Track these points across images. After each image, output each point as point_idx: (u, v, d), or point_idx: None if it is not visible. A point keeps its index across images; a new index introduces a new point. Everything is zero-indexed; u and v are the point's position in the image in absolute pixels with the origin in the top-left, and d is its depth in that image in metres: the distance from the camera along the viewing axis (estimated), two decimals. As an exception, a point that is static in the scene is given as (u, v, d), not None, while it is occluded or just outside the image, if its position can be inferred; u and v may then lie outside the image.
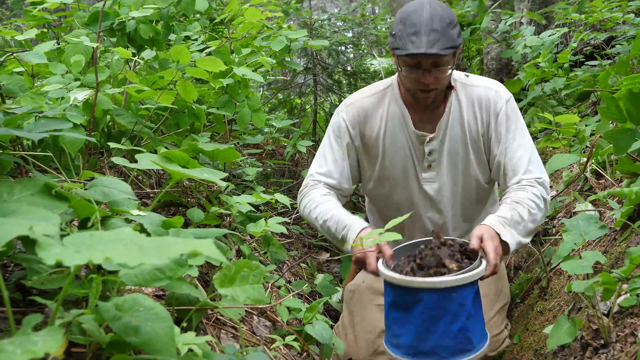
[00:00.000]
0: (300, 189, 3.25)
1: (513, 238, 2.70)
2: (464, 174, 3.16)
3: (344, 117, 3.17)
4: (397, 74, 3.11)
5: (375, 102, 3.18)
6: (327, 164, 3.19)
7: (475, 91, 3.08)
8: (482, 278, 2.49)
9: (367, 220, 3.64)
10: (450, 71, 2.90)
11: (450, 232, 3.33)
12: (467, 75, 3.14)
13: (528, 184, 2.92)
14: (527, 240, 2.84)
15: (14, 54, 2.85)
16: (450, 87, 3.06)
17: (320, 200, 3.08)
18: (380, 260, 2.63)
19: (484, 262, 2.50)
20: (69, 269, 1.71)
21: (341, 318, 3.49)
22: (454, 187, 3.19)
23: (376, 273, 2.62)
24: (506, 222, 2.74)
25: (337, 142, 3.20)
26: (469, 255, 2.57)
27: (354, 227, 2.88)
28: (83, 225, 1.92)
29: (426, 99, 2.95)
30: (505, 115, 3.02)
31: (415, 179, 3.19)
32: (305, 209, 3.15)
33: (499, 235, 2.67)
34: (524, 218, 2.80)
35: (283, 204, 3.29)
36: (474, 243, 2.58)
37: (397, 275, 2.45)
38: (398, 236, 2.28)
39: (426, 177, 3.17)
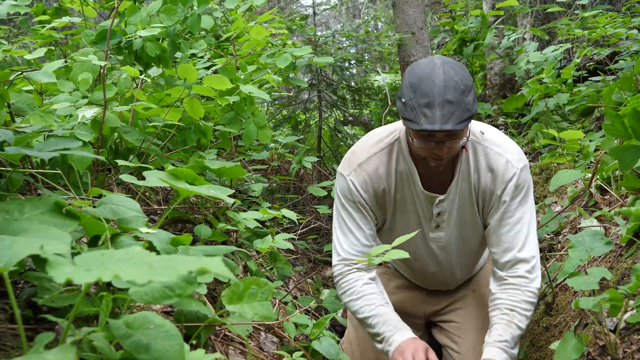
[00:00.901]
0: (336, 271, 3.08)
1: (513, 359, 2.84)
2: (471, 229, 3.08)
3: (353, 181, 2.95)
4: (403, 128, 2.93)
5: (384, 159, 2.96)
6: (352, 234, 3.02)
7: (488, 155, 2.89)
8: None
9: None
10: (465, 140, 2.70)
11: (451, 279, 3.38)
12: (483, 133, 2.93)
13: (523, 279, 2.90)
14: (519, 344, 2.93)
15: (23, 73, 2.87)
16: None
17: (363, 292, 2.97)
18: None
19: None
20: (79, 287, 1.72)
21: (346, 333, 3.50)
22: (460, 242, 3.14)
23: None
24: (507, 345, 2.80)
25: (352, 208, 3.00)
26: None
27: (397, 337, 2.85)
28: (93, 243, 1.93)
29: (438, 167, 2.79)
30: (514, 186, 2.86)
31: (422, 237, 3.10)
32: (345, 296, 3.03)
33: None
34: (522, 327, 2.85)
35: (289, 219, 3.30)
36: None
37: None
38: (405, 254, 2.27)
39: (433, 237, 3.09)
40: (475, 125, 2.95)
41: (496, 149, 2.90)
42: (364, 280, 2.99)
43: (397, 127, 2.99)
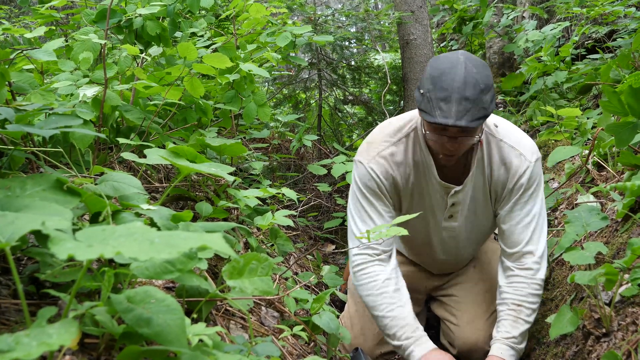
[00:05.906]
0: (356, 261, 3.04)
1: (520, 354, 2.91)
2: (483, 218, 3.11)
3: (373, 168, 2.94)
4: (420, 118, 2.91)
5: (402, 148, 2.95)
6: (373, 222, 2.98)
7: (502, 149, 2.91)
8: None
9: None
10: (477, 138, 2.71)
11: (457, 264, 3.45)
12: (497, 126, 2.94)
13: (529, 271, 2.93)
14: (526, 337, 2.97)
15: (24, 52, 2.88)
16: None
17: (384, 289, 2.96)
18: None
19: None
20: (81, 262, 1.73)
21: (346, 308, 3.53)
22: (471, 231, 3.18)
23: None
24: (514, 342, 2.87)
25: (373, 195, 2.98)
26: None
27: (418, 350, 2.86)
28: (94, 219, 1.95)
29: (449, 162, 2.80)
30: (527, 179, 2.88)
31: (435, 226, 3.13)
32: (364, 289, 3.00)
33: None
34: (529, 321, 2.91)
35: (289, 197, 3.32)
36: None
37: None
38: (405, 232, 2.28)
39: (446, 227, 3.12)
40: (489, 119, 2.95)
41: (509, 142, 2.91)
42: (386, 275, 2.98)
43: (413, 117, 2.99)
